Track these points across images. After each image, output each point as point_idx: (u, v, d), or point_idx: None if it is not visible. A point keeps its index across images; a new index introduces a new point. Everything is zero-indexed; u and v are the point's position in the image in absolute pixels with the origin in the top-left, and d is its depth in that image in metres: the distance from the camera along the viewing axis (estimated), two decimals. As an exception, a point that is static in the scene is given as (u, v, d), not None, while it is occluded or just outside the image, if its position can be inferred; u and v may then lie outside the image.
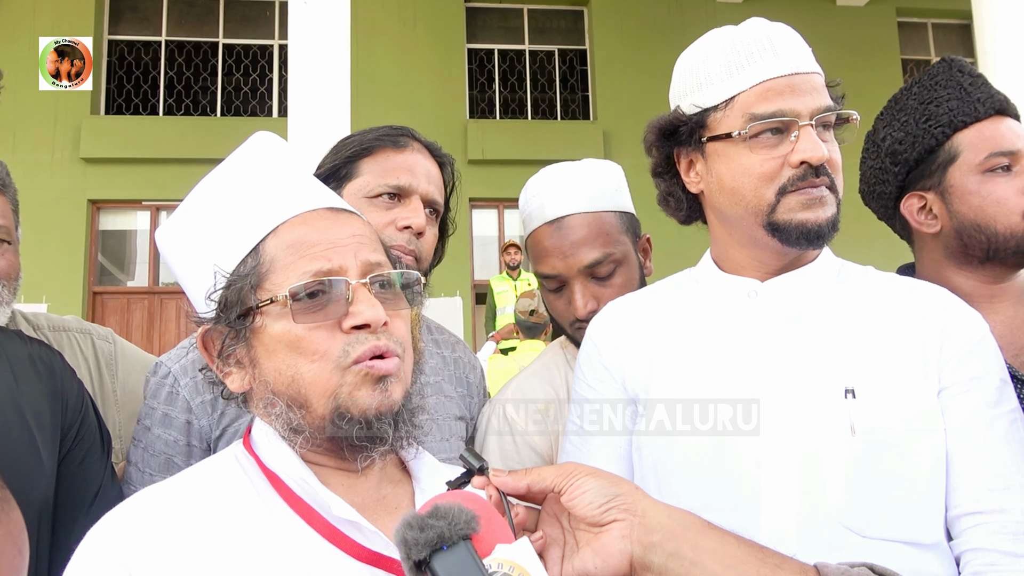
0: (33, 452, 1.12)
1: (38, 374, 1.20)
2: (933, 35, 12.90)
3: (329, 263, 0.90)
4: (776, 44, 1.14)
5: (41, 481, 1.12)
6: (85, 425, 1.25)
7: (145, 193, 10.57)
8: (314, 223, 0.94)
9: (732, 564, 0.75)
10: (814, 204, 1.10)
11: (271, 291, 0.90)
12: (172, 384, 1.35)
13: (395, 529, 0.71)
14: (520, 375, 1.67)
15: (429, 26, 11.40)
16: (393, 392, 0.89)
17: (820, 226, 1.10)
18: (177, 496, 0.89)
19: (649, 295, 1.32)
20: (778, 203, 1.11)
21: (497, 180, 10.53)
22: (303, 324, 0.88)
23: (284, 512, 0.88)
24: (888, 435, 1.03)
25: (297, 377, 0.89)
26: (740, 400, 1.10)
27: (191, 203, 1.00)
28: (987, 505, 1.00)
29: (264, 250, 0.92)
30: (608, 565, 0.76)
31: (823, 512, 1.01)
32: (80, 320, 1.78)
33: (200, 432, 1.34)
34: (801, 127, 1.09)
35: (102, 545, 0.83)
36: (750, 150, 1.12)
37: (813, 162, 1.09)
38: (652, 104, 7.68)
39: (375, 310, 0.89)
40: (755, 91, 1.12)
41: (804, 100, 1.10)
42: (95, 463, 1.25)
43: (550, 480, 0.79)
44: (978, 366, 1.07)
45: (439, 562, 0.69)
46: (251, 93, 11.57)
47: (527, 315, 5.77)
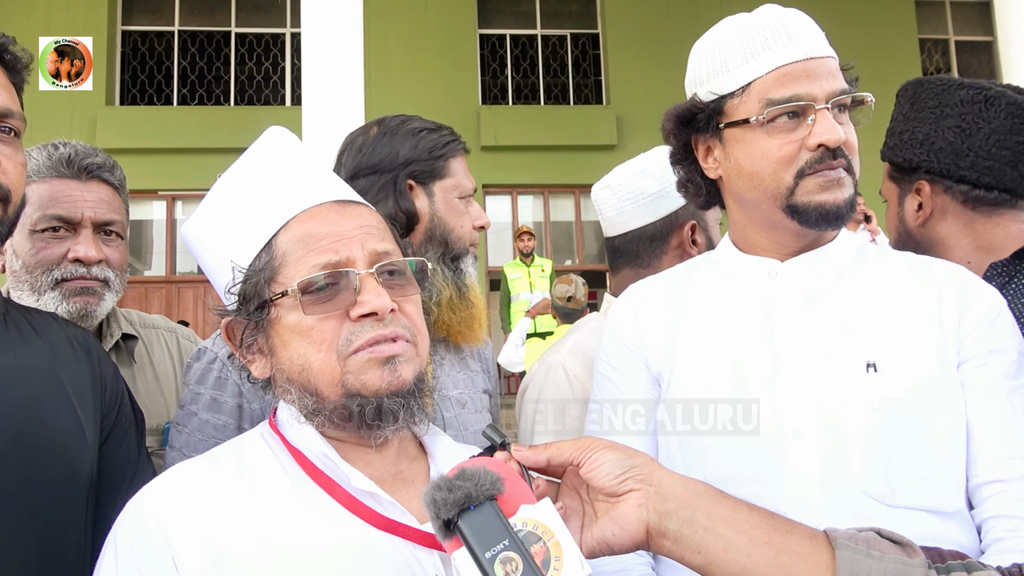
0: (79, 432, 1.16)
1: (77, 356, 1.23)
2: (951, 14, 12.70)
3: (337, 255, 0.95)
4: (791, 30, 1.15)
5: (87, 460, 1.16)
6: (123, 407, 1.29)
7: (161, 183, 10.67)
8: (322, 216, 0.98)
9: (744, 529, 0.78)
10: (832, 186, 1.12)
11: (284, 284, 0.95)
12: (220, 369, 1.36)
13: (424, 491, 0.75)
14: (573, 335, 1.68)
15: (440, 12, 11.38)
16: (403, 372, 0.93)
17: (839, 207, 1.13)
18: (209, 470, 0.94)
19: (670, 277, 1.34)
20: (797, 186, 1.13)
21: (510, 166, 10.53)
22: (313, 315, 0.93)
23: (307, 485, 0.93)
24: (909, 407, 1.05)
25: (307, 366, 0.93)
26: (760, 377, 1.13)
27: (210, 201, 1.06)
28: (1007, 473, 1.02)
29: (276, 245, 0.97)
30: (625, 532, 0.79)
31: (847, 482, 1.04)
32: (166, 319, 1.96)
33: (252, 415, 1.34)
34: (818, 111, 1.11)
35: (141, 514, 0.88)
36: (768, 135, 1.14)
37: (830, 144, 1.11)
38: (666, 87, 7.61)
39: (381, 299, 0.93)
40: (771, 76, 1.14)
41: (820, 84, 1.12)
42: (132, 444, 1.28)
43: (568, 453, 0.82)
44: (996, 340, 1.09)
45: (466, 521, 0.72)
46: (264, 82, 11.61)
47: (564, 301, 5.81)
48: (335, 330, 0.93)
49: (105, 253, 1.54)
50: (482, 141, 10.85)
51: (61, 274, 1.50)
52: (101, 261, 1.53)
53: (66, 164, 1.52)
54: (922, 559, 0.74)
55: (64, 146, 1.56)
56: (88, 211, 1.53)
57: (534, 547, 0.72)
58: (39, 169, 1.51)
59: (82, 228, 1.52)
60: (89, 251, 1.51)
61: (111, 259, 1.56)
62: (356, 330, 0.92)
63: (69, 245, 1.51)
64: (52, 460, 1.09)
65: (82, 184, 1.53)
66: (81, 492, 1.13)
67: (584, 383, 1.49)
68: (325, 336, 0.93)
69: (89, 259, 1.51)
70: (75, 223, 1.52)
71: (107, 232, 1.57)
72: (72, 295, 1.51)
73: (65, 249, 1.51)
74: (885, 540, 0.76)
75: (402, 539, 0.90)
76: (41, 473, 1.07)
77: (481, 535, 0.71)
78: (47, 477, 1.08)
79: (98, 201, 1.55)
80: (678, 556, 0.79)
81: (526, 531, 0.73)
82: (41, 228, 1.50)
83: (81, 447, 1.15)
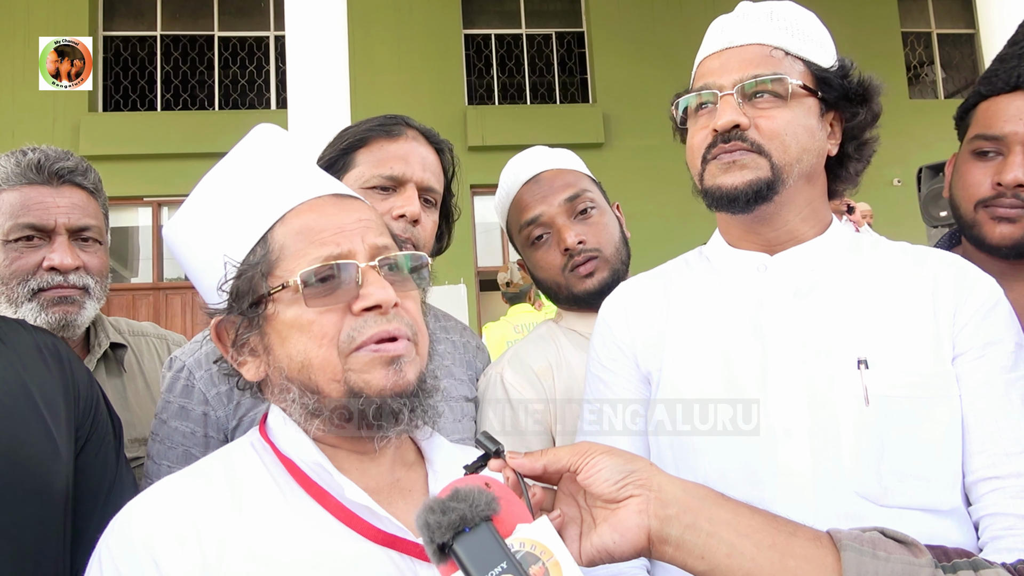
0: (51, 444, 1.11)
1: (47, 364, 1.19)
2: (933, 7, 12.77)
3: (338, 247, 0.92)
4: (727, 23, 1.19)
5: (61, 473, 1.12)
6: (98, 415, 1.25)
7: (146, 189, 10.57)
8: (321, 209, 0.96)
9: (747, 533, 0.77)
10: (730, 168, 1.13)
11: (282, 277, 0.92)
12: (187, 377, 1.37)
13: (416, 514, 0.72)
14: (515, 346, 1.71)
15: (425, 13, 11.33)
16: (407, 372, 0.91)
17: (736, 188, 1.13)
18: (197, 484, 0.91)
19: (660, 274, 1.33)
20: (704, 171, 1.17)
21: (498, 166, 10.36)
22: (315, 308, 0.90)
23: (300, 496, 0.90)
24: (902, 404, 1.03)
25: (307, 362, 0.90)
26: (751, 375, 1.11)
27: (198, 196, 1.02)
28: (1004, 470, 1.00)
29: (273, 238, 0.94)
30: (626, 540, 0.77)
31: (839, 482, 1.02)
32: (156, 326, 1.93)
33: (217, 423, 1.36)
34: (721, 97, 1.14)
35: (127, 533, 0.85)
36: (693, 123, 1.20)
37: (718, 128, 1.13)
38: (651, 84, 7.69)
39: (385, 291, 0.90)
40: (696, 71, 1.22)
41: (730, 73, 1.14)
42: (109, 453, 1.25)
43: (566, 460, 0.80)
44: (992, 331, 1.07)
45: (462, 544, 0.69)
46: (248, 86, 11.54)
47: (505, 287, 6.18)
48: (336, 324, 0.90)
49: (83, 259, 1.50)
50: (469, 141, 10.82)
51: (38, 284, 1.45)
52: (79, 268, 1.49)
53: (36, 170, 1.47)
54: (928, 558, 0.73)
55: (33, 151, 1.50)
56: (62, 217, 1.47)
57: (533, 568, 0.70)
58: (8, 177, 1.46)
59: (56, 235, 1.47)
60: (65, 259, 1.46)
61: (89, 265, 1.51)
62: (358, 325, 0.90)
63: (44, 254, 1.46)
64: (23, 476, 1.05)
65: (54, 190, 1.48)
66: (56, 507, 1.09)
67: (519, 389, 1.56)
68: (326, 331, 0.90)
69: (65, 267, 1.46)
70: (49, 230, 1.47)
71: (84, 238, 1.52)
72: (51, 305, 1.46)
73: (40, 258, 1.46)
74: (890, 540, 0.75)
75: (399, 553, 0.87)
76: (12, 491, 1.03)
77: (478, 558, 0.68)
78: (17, 494, 1.04)
79: (72, 206, 1.49)
80: (680, 562, 0.77)
81: (524, 552, 0.71)
82: (14, 238, 1.45)
83: (53, 461, 1.10)
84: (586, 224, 1.61)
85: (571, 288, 1.61)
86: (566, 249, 1.59)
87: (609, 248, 1.62)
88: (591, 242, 1.59)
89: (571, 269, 1.59)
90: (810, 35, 1.19)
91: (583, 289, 1.59)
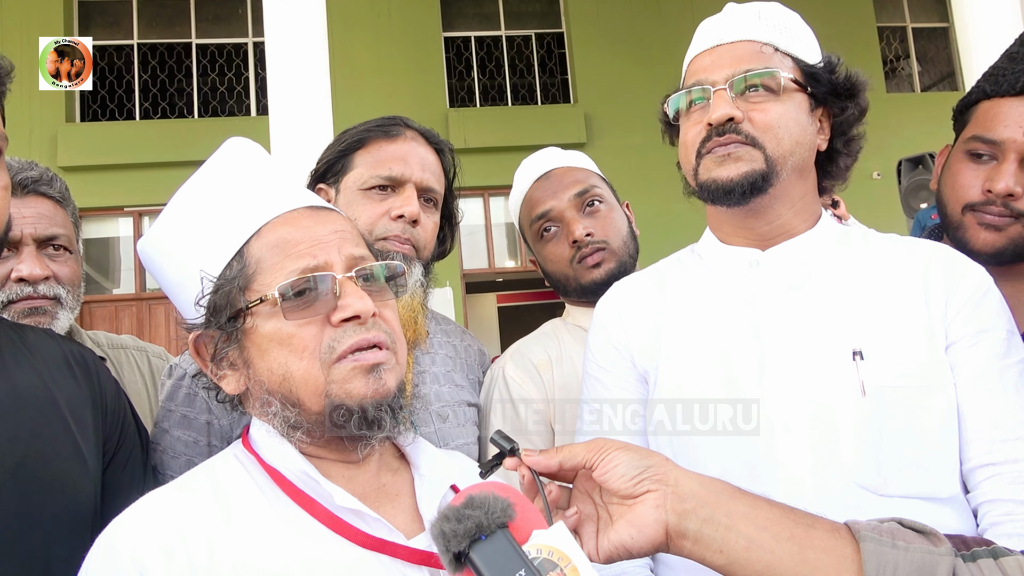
0: (79, 459, 1.09)
1: (75, 375, 1.17)
2: (907, 1, 12.90)
3: (315, 259, 0.92)
4: (716, 22, 1.21)
5: (89, 490, 1.09)
6: (126, 427, 1.23)
7: (126, 199, 10.47)
8: (296, 222, 0.96)
9: (765, 526, 0.77)
10: (725, 161, 1.15)
11: (260, 291, 0.92)
12: (190, 385, 1.34)
13: (431, 523, 0.72)
14: (518, 342, 1.73)
15: (404, 16, 11.30)
16: (387, 380, 0.91)
17: (731, 181, 1.14)
18: (183, 498, 0.90)
19: (653, 272, 1.34)
20: (699, 165, 1.18)
21: (481, 168, 10.48)
22: (294, 320, 0.90)
23: (287, 505, 0.90)
24: (898, 393, 1.04)
25: (288, 375, 0.90)
26: (748, 370, 1.12)
27: (171, 212, 1.02)
28: (1000, 456, 1.02)
29: (249, 252, 0.94)
30: (644, 535, 0.77)
31: (838, 473, 1.03)
32: (136, 339, 1.91)
33: (221, 432, 1.33)
34: (714, 92, 1.15)
35: (113, 550, 0.84)
36: (686, 121, 1.21)
37: (712, 122, 1.14)
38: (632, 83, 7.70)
39: (363, 301, 0.91)
40: (688, 69, 1.23)
41: (722, 69, 1.16)
42: (137, 466, 1.23)
43: (581, 456, 0.80)
44: (984, 319, 1.09)
45: (478, 552, 0.68)
46: (228, 93, 11.45)
47: None
48: (316, 336, 0.90)
49: (52, 269, 1.48)
50: (451, 144, 10.81)
51: (7, 296, 1.44)
52: (48, 278, 1.47)
53: None
54: (948, 547, 0.73)
55: None
56: (27, 227, 1.46)
57: (551, 574, 0.69)
58: None
59: (23, 246, 1.46)
60: (33, 269, 1.44)
61: (60, 275, 1.50)
62: (338, 335, 0.90)
63: (12, 265, 1.44)
64: (52, 495, 1.03)
65: (18, 200, 1.46)
66: (84, 524, 1.07)
67: (520, 382, 1.59)
68: (306, 343, 0.90)
69: (34, 277, 1.45)
70: (15, 241, 1.45)
71: (54, 247, 1.50)
72: (22, 317, 1.44)
73: (8, 269, 1.44)
74: (908, 530, 0.75)
75: (390, 557, 0.87)
76: (41, 509, 1.01)
77: (495, 566, 0.67)
78: (47, 513, 1.02)
79: (38, 216, 1.48)
80: (699, 556, 0.77)
81: (542, 558, 0.70)
82: None
83: (83, 477, 1.09)
84: (594, 218, 1.66)
85: (579, 279, 1.64)
86: (574, 241, 1.63)
87: (616, 241, 1.66)
88: (599, 234, 1.64)
89: (579, 260, 1.63)
90: (797, 33, 1.21)
91: (590, 279, 1.63)
